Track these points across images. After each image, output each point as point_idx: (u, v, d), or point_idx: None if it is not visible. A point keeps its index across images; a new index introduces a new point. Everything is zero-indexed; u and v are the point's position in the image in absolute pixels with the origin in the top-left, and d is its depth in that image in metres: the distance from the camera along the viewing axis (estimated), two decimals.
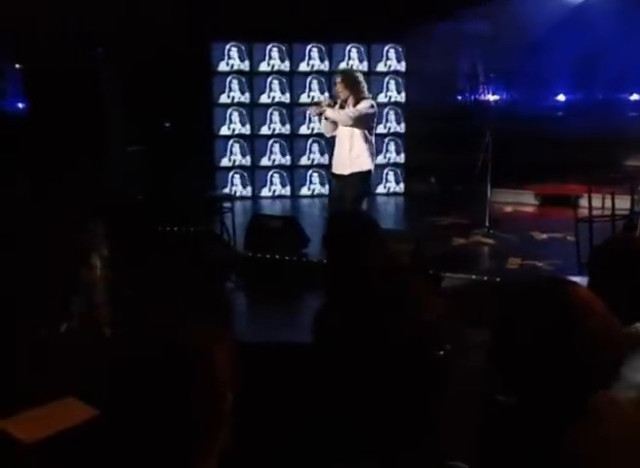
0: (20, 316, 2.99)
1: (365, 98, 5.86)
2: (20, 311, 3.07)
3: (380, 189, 10.07)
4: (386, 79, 9.97)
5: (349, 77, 5.92)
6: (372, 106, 5.86)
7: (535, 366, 1.29)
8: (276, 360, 2.42)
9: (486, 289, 5.32)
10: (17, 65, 10.00)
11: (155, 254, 6.15)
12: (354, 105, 5.79)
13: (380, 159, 9.99)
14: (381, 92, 9.93)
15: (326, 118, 5.86)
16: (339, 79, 5.93)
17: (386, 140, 10.04)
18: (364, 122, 5.79)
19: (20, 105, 10.04)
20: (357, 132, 5.79)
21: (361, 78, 5.94)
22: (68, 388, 2.21)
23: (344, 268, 2.34)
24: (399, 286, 2.34)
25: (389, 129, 10.05)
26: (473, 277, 5.68)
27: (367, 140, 5.83)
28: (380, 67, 9.96)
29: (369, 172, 5.92)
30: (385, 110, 9.94)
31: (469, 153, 7.81)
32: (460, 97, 10.92)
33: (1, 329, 2.83)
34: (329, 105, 5.86)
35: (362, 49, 9.87)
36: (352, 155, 5.81)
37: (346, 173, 5.86)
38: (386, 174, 10.11)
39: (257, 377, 1.58)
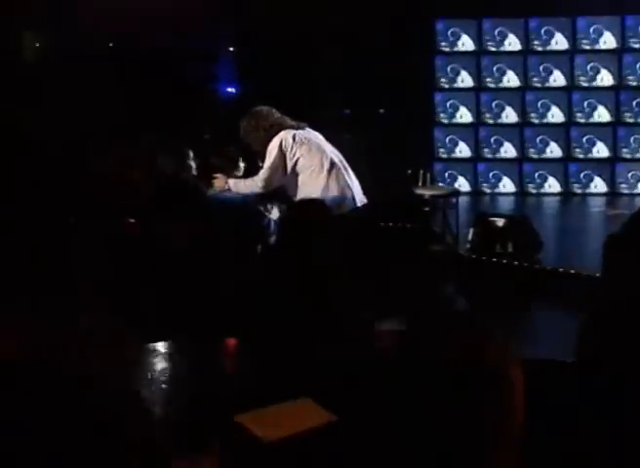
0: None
1: (270, 142, 5.00)
2: None
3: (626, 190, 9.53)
4: None
5: (242, 128, 5.10)
6: (274, 152, 4.96)
7: None
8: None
9: None
10: (230, 48, 10.65)
11: (366, 252, 6.28)
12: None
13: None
14: (635, 74, 9.37)
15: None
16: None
17: (632, 139, 9.43)
18: (281, 175, 5.02)
19: (232, 90, 10.65)
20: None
21: (262, 121, 5.02)
22: None
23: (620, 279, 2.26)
24: None
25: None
26: None
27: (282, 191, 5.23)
28: (636, 44, 9.40)
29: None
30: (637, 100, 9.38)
31: None
32: None
33: None
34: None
35: (610, 22, 9.37)
36: None
37: None
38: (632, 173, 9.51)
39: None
